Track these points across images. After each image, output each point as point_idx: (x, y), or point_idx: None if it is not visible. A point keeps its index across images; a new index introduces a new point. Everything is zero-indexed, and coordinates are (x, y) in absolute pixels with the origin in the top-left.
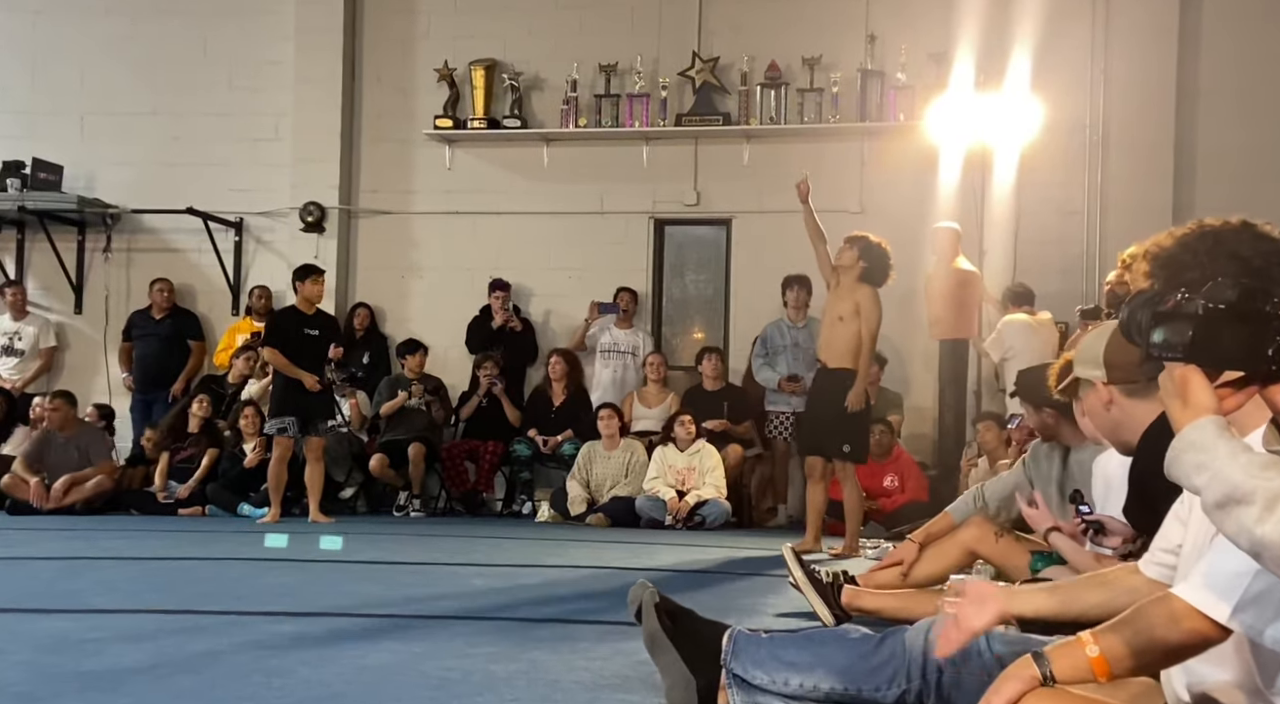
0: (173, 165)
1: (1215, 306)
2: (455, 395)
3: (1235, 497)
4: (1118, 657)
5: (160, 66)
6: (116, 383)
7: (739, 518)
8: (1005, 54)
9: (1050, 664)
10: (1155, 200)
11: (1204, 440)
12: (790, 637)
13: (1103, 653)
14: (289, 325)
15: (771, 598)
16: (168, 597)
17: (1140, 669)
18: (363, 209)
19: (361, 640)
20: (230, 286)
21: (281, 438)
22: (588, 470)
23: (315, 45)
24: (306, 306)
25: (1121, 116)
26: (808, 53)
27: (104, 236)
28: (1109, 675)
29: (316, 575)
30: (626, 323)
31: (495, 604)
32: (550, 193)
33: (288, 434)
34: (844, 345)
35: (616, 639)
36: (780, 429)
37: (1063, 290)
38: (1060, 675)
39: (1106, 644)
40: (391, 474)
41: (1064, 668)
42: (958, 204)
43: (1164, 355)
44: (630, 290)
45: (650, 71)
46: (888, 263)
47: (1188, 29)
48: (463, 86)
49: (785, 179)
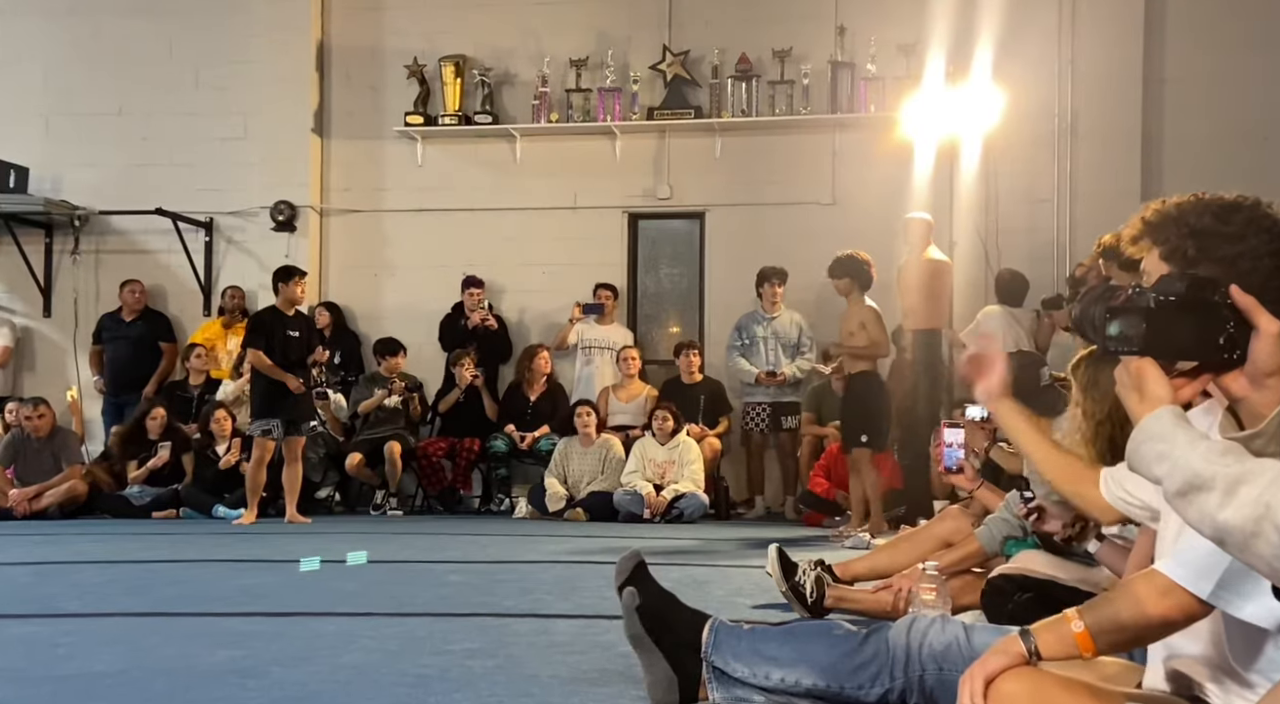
0: (140, 166)
1: (1166, 299)
2: (430, 393)
3: (1195, 484)
4: (1102, 631)
5: (126, 66)
6: (87, 386)
7: (717, 511)
8: (974, 44)
9: (1035, 640)
10: (1124, 188)
11: (1162, 430)
12: (773, 630)
13: (1087, 628)
14: (271, 327)
15: (749, 588)
16: (141, 600)
17: (1124, 644)
18: (334, 207)
19: (337, 640)
20: (201, 287)
21: (264, 439)
22: (564, 466)
23: (284, 43)
24: (287, 307)
25: (1089, 104)
26: (778, 45)
27: (72, 239)
28: (1094, 651)
29: (291, 576)
30: (605, 318)
31: (472, 601)
32: (523, 188)
33: (272, 436)
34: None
35: (595, 633)
36: (757, 421)
37: (1034, 278)
38: (1046, 651)
39: (1091, 620)
40: (368, 473)
41: (1049, 643)
42: (929, 194)
43: (1120, 349)
44: (610, 287)
45: (621, 66)
46: (865, 267)
47: (1153, 17)
48: (433, 83)
49: (757, 172)
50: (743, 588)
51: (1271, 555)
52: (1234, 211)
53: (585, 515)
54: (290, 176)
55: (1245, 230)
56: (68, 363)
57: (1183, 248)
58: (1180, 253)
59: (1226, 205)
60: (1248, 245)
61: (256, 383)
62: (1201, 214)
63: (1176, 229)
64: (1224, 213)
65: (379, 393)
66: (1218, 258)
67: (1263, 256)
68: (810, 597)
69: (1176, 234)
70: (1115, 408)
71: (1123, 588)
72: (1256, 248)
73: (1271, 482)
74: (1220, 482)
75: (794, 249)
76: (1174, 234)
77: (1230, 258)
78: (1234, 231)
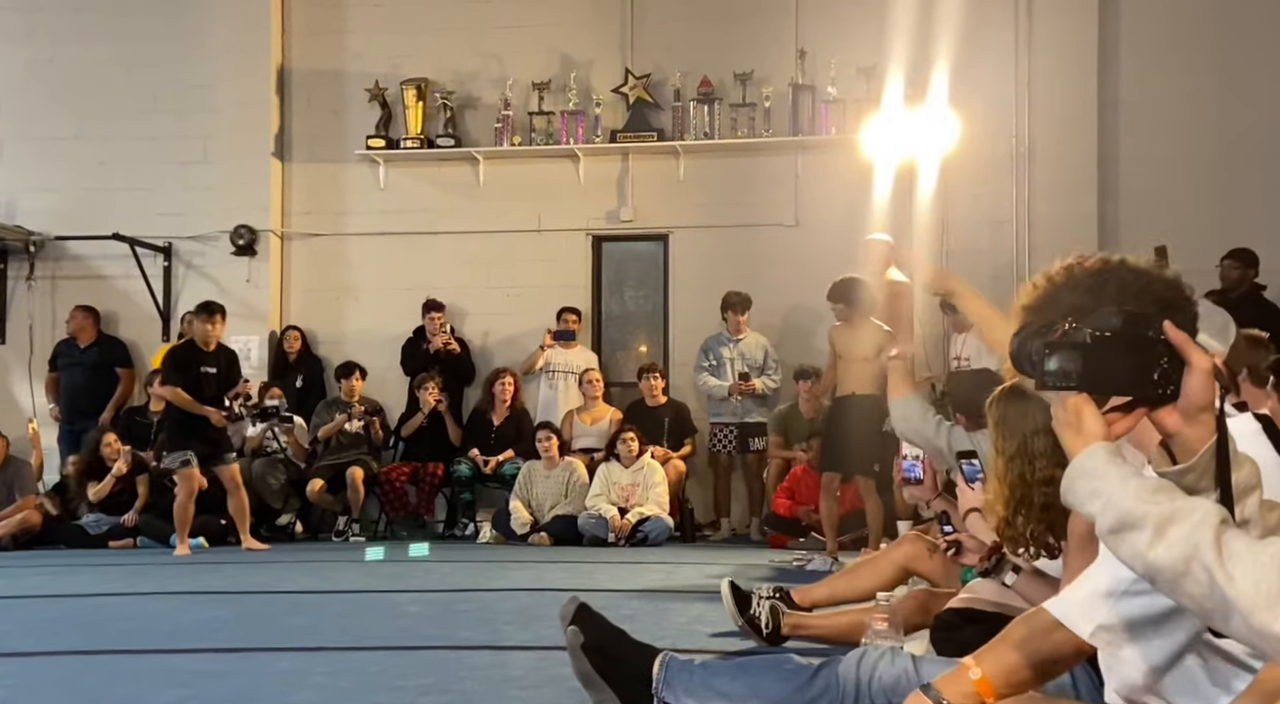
0: (98, 190)
1: (1102, 334)
2: (394, 417)
3: (1128, 522)
4: (999, 673)
5: (83, 90)
6: (43, 413)
7: (682, 533)
8: (932, 67)
9: (940, 693)
10: (1080, 209)
11: (1096, 467)
12: (724, 664)
13: (984, 674)
14: (187, 363)
15: (710, 615)
16: (90, 636)
17: (1023, 683)
18: (295, 231)
19: (289, 677)
20: (160, 312)
21: (186, 470)
22: (529, 490)
23: (244, 67)
24: (205, 343)
25: (1045, 127)
26: (739, 68)
27: (27, 264)
28: (995, 694)
29: (246, 608)
30: (569, 342)
31: (429, 633)
32: (486, 211)
33: (191, 465)
34: (871, 377)
35: (551, 666)
36: (724, 442)
37: (992, 299)
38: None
39: (987, 665)
40: (330, 499)
41: (953, 695)
42: (890, 215)
43: (1058, 385)
44: (575, 310)
45: (583, 89)
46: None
47: (1107, 41)
48: (395, 106)
49: (721, 194)
50: (703, 615)
51: (1201, 595)
52: (1103, 282)
53: (550, 540)
54: (251, 200)
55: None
56: (22, 390)
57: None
58: None
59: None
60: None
61: (169, 414)
62: (1074, 290)
63: (1055, 310)
64: (1095, 286)
65: (339, 417)
66: None
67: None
68: (766, 628)
69: (1058, 314)
70: (1025, 444)
71: (1014, 627)
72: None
73: (1200, 522)
74: (1151, 521)
75: (758, 270)
76: (1055, 314)
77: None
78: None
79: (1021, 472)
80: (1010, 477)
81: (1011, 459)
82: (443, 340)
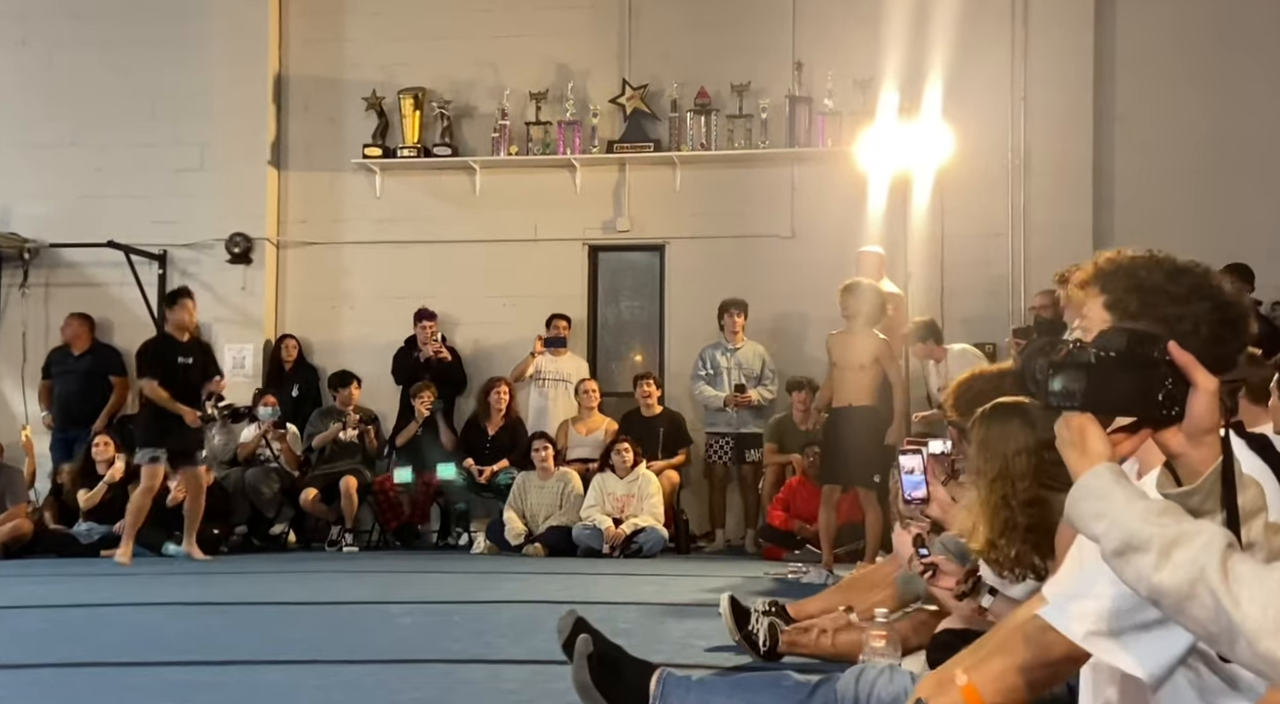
0: (93, 197)
1: (1107, 354)
2: (388, 426)
3: (1132, 544)
4: (986, 680)
5: (80, 97)
6: (36, 421)
7: (677, 544)
8: (928, 79)
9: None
10: (1075, 222)
11: (1101, 488)
12: (721, 680)
13: (971, 681)
14: (163, 354)
15: (705, 629)
16: (80, 648)
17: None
18: (291, 239)
19: (281, 690)
20: (154, 320)
21: (153, 467)
22: (523, 500)
23: (241, 74)
24: (179, 333)
25: (1041, 140)
26: (736, 79)
27: (20, 272)
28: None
29: (238, 618)
30: (561, 350)
31: (423, 646)
32: (482, 220)
33: (160, 463)
34: (867, 388)
35: (546, 680)
36: (720, 453)
37: (988, 311)
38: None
39: (975, 673)
40: (323, 508)
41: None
42: (885, 228)
43: (1062, 404)
44: (565, 317)
45: (580, 99)
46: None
47: (1103, 54)
48: (392, 115)
49: (717, 205)
50: (699, 629)
51: (1206, 619)
52: (1183, 274)
53: (544, 551)
54: (247, 208)
55: (1190, 294)
56: (15, 398)
57: (1126, 301)
58: (1123, 305)
59: (1177, 268)
60: (1190, 309)
61: (144, 408)
62: (1152, 271)
63: (1125, 281)
64: (1174, 274)
65: (334, 426)
66: (1159, 316)
67: (1201, 324)
68: (764, 645)
69: (1124, 286)
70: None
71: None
72: (1198, 313)
73: (1205, 544)
74: (1156, 543)
75: (754, 281)
76: (1122, 285)
77: (1171, 318)
78: (1180, 293)
79: (1004, 494)
80: (993, 499)
81: (994, 482)
82: (433, 349)
